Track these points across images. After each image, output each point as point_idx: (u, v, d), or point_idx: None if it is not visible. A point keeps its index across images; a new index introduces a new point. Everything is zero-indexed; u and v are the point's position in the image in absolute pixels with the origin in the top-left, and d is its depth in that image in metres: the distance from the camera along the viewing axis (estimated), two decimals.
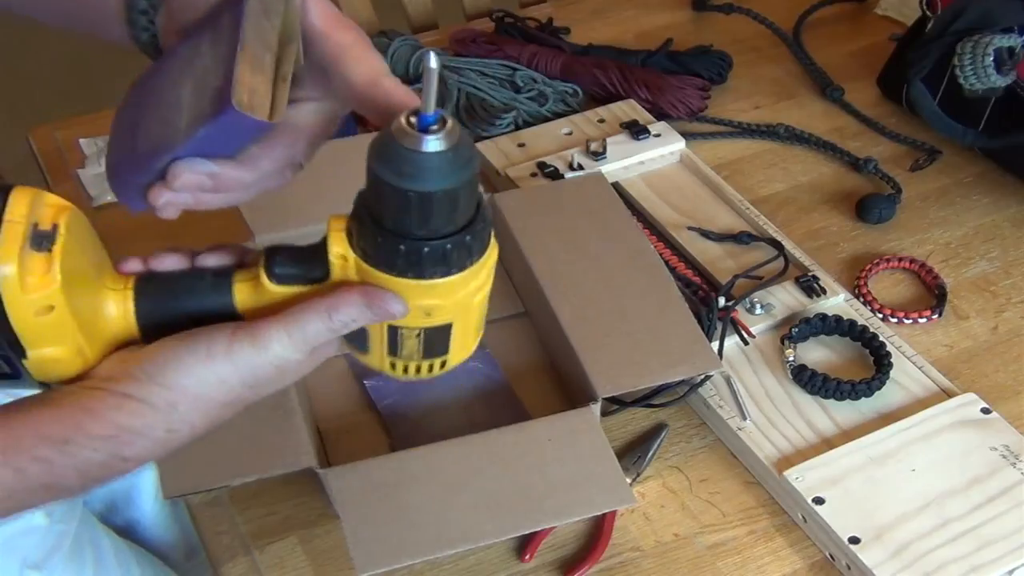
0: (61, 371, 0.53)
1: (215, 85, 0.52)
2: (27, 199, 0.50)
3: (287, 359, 0.53)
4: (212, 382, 0.52)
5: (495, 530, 0.72)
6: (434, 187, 0.48)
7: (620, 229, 0.91)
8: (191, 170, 0.52)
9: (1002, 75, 0.98)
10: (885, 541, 0.74)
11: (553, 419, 0.78)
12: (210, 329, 0.53)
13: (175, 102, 0.54)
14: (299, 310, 0.53)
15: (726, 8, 1.27)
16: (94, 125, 1.13)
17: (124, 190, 0.55)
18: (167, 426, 0.53)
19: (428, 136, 0.47)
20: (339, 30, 0.56)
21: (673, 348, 0.81)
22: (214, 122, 0.51)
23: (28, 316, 0.50)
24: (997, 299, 0.94)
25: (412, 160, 0.48)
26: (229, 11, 0.54)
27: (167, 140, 0.53)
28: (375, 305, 0.52)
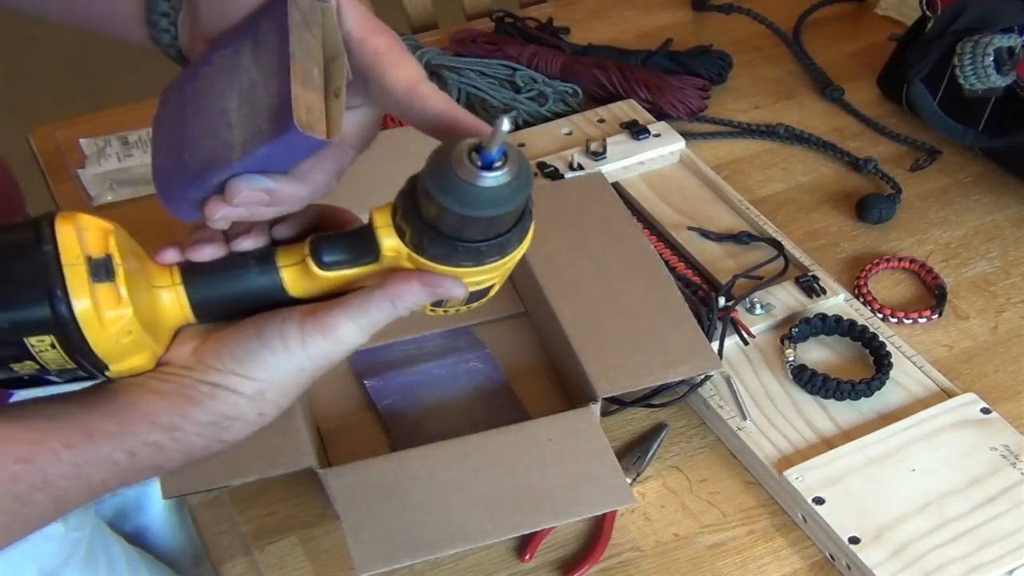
0: (139, 371, 0.55)
1: (269, 102, 0.52)
2: (72, 231, 0.51)
3: (356, 344, 0.55)
4: (292, 371, 0.55)
5: (495, 530, 0.72)
6: (495, 212, 0.50)
7: (620, 229, 0.91)
8: (250, 187, 0.52)
9: (1002, 75, 0.98)
10: (885, 541, 0.74)
11: (553, 419, 0.78)
12: (279, 320, 0.54)
13: (222, 114, 0.53)
14: (363, 300, 0.54)
15: (726, 8, 1.27)
16: (94, 125, 1.13)
17: (176, 202, 0.55)
18: (259, 410, 0.55)
19: (490, 173, 0.49)
20: (374, 35, 0.55)
21: (673, 348, 0.81)
22: (275, 141, 0.51)
23: (109, 344, 0.52)
24: (997, 299, 0.94)
25: (473, 193, 0.49)
26: (268, 19, 0.54)
27: (222, 156, 0.53)
28: (435, 291, 0.54)
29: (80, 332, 0.51)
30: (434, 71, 1.12)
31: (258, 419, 0.56)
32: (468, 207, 0.49)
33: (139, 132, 1.12)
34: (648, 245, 0.90)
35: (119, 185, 1.06)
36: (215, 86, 0.55)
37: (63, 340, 0.51)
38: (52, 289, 0.50)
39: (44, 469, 0.52)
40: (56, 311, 0.50)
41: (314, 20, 0.54)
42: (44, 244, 0.51)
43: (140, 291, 0.53)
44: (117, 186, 1.06)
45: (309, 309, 0.55)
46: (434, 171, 0.50)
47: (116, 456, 0.54)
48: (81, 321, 0.51)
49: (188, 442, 0.55)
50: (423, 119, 0.54)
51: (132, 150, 1.10)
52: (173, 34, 0.59)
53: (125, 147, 1.10)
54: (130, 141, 1.11)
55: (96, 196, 1.05)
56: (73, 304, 0.50)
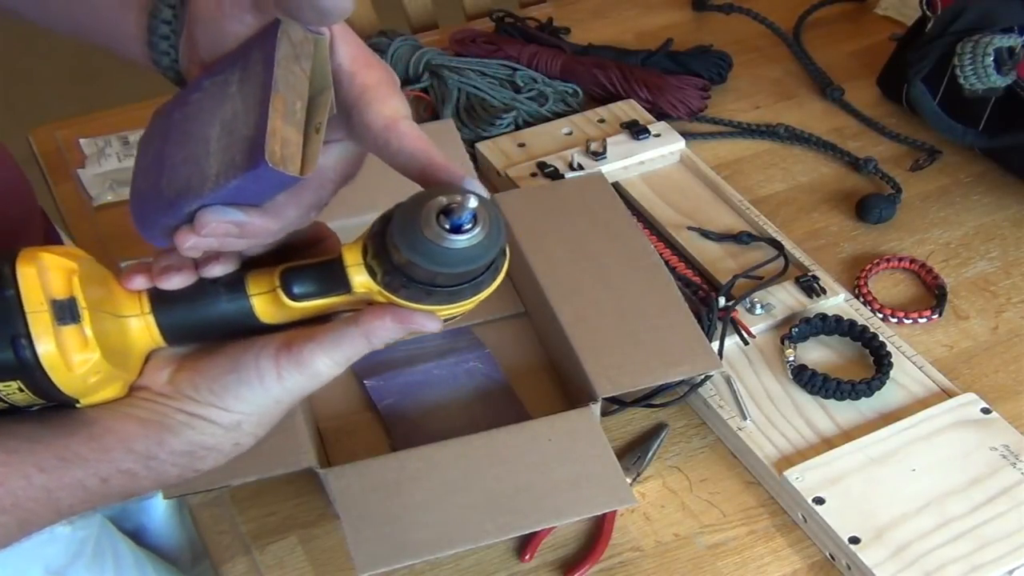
0: (111, 400, 0.55)
1: (246, 134, 0.51)
2: (35, 274, 0.51)
3: (333, 376, 0.55)
4: (269, 404, 0.55)
5: (496, 530, 0.72)
6: (466, 269, 0.50)
7: (620, 229, 0.91)
8: (219, 219, 0.52)
9: (1002, 75, 0.98)
10: (885, 541, 0.74)
11: (553, 419, 0.78)
12: (254, 354, 0.55)
13: (202, 142, 0.53)
14: (337, 335, 0.54)
15: (726, 8, 1.27)
16: (94, 125, 1.13)
17: (148, 228, 0.54)
18: (235, 440, 0.56)
19: (459, 236, 0.49)
20: (366, 69, 0.55)
21: (673, 348, 0.81)
22: (246, 175, 0.50)
23: (78, 384, 0.52)
24: (997, 299, 0.94)
25: (442, 253, 0.49)
26: (259, 50, 0.53)
27: (195, 185, 0.52)
28: (409, 327, 0.54)
29: (47, 376, 0.51)
30: (434, 71, 1.12)
31: (233, 449, 0.56)
32: (438, 265, 0.49)
33: (139, 132, 1.11)
34: (648, 245, 0.90)
35: (119, 185, 1.06)
36: (201, 113, 0.54)
37: (30, 384, 0.51)
38: (16, 336, 0.50)
39: (15, 492, 0.52)
40: (20, 358, 0.50)
41: (305, 52, 0.54)
42: (5, 288, 0.50)
43: (107, 322, 0.53)
44: (117, 186, 1.06)
45: (284, 341, 0.55)
46: (402, 228, 0.49)
47: (88, 482, 0.53)
48: (47, 366, 0.50)
49: (162, 471, 0.55)
50: (397, 157, 0.53)
51: (132, 150, 1.10)
52: (173, 56, 0.59)
53: (125, 147, 1.10)
54: (130, 141, 1.11)
55: (96, 196, 1.05)
56: (38, 350, 0.50)
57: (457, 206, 0.48)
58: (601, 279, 0.87)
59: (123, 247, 0.99)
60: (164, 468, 0.55)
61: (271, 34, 0.53)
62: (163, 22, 0.58)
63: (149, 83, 1.10)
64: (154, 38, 0.59)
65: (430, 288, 0.52)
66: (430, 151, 0.53)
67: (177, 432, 0.54)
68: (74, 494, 0.54)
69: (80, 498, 0.54)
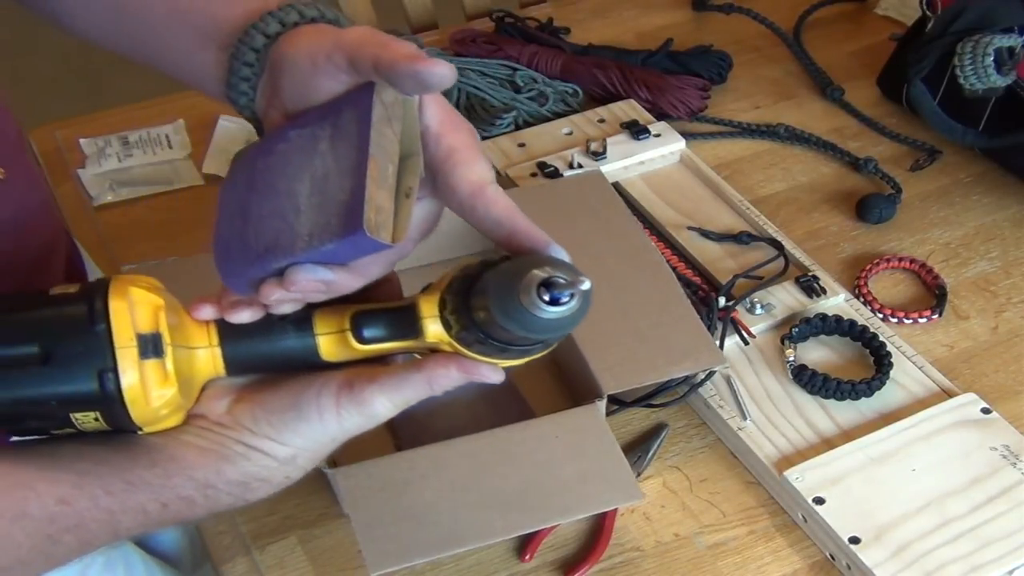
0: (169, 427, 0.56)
1: (341, 198, 0.51)
2: (124, 309, 0.52)
3: (386, 417, 0.56)
4: (325, 441, 0.56)
5: (505, 527, 0.72)
6: (557, 336, 0.52)
7: (620, 226, 0.91)
8: (309, 277, 0.52)
9: (1002, 75, 0.98)
10: (885, 541, 0.74)
11: (559, 416, 0.78)
12: (315, 392, 0.55)
13: (290, 197, 0.53)
14: (400, 379, 0.55)
15: (726, 8, 1.27)
16: (94, 125, 1.13)
17: (233, 277, 0.55)
18: (286, 473, 0.57)
19: (557, 308, 0.50)
20: (452, 131, 0.55)
21: (677, 344, 0.82)
22: (341, 241, 0.51)
23: (150, 415, 0.53)
24: (997, 299, 0.94)
25: (538, 322, 0.50)
26: (352, 109, 0.53)
27: (285, 243, 0.53)
28: (474, 377, 0.55)
29: (125, 409, 0.52)
30: None
31: (284, 481, 0.57)
32: (531, 332, 0.50)
33: (139, 132, 1.12)
34: (649, 242, 0.90)
35: (119, 185, 1.06)
36: (288, 166, 0.54)
37: (107, 415, 0.53)
38: (104, 371, 0.51)
39: (81, 512, 0.53)
40: (105, 391, 0.52)
41: (396, 114, 0.54)
42: (97, 323, 0.52)
43: (180, 353, 0.54)
44: (117, 186, 1.06)
45: (345, 381, 0.55)
46: (499, 295, 0.50)
47: (150, 507, 0.55)
48: (128, 400, 0.52)
49: (217, 499, 0.56)
50: (484, 222, 0.54)
51: (132, 150, 1.10)
52: (251, 97, 0.60)
53: (125, 147, 1.10)
54: (130, 141, 1.11)
55: (96, 196, 1.05)
56: (122, 384, 0.51)
57: (562, 284, 0.49)
58: (604, 276, 0.87)
59: (123, 247, 1.00)
60: (219, 496, 0.56)
61: (366, 95, 0.53)
62: (245, 64, 0.58)
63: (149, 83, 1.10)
64: (234, 79, 0.59)
65: (506, 346, 0.53)
66: (516, 217, 0.53)
67: (234, 462, 0.55)
68: (135, 518, 0.55)
69: (139, 522, 0.55)
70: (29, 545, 0.53)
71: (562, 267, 0.50)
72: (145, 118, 1.14)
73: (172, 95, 1.18)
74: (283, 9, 0.58)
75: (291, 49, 0.56)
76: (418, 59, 0.49)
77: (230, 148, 1.10)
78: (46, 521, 0.53)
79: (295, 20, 0.58)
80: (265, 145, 0.57)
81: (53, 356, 0.51)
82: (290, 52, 0.56)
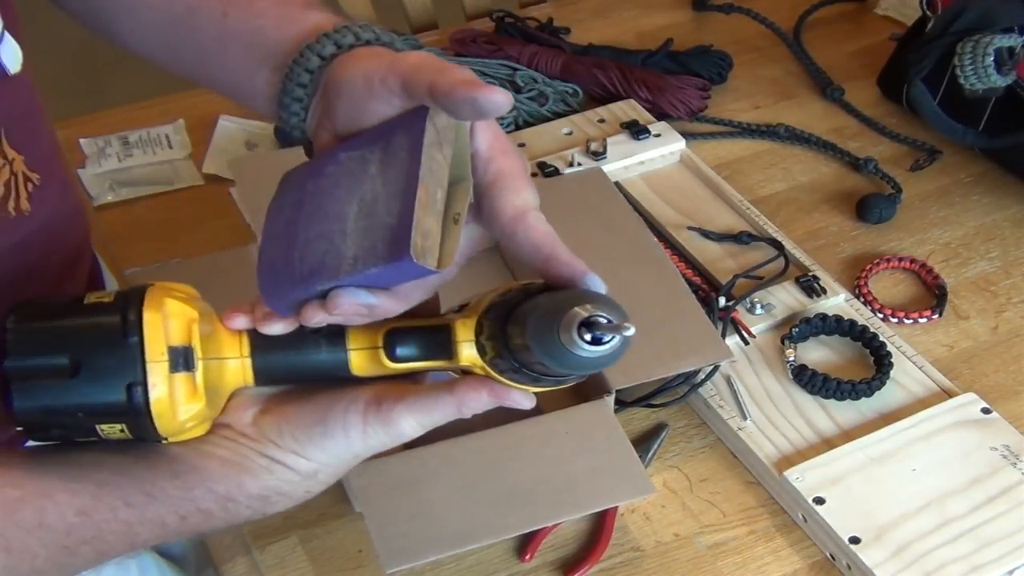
0: (194, 437, 0.56)
1: (389, 222, 0.51)
2: (158, 321, 0.52)
3: (410, 437, 0.56)
4: (348, 458, 0.56)
5: (517, 523, 0.72)
6: (587, 372, 0.51)
7: (623, 223, 0.92)
8: (352, 301, 0.52)
9: (1002, 75, 0.98)
10: (885, 541, 0.74)
11: (568, 412, 0.78)
12: (343, 409, 0.55)
13: (338, 221, 0.53)
14: (430, 401, 0.54)
15: (726, 8, 1.27)
16: (94, 125, 1.13)
17: (275, 299, 0.55)
18: (307, 488, 0.56)
19: (598, 347, 0.48)
20: (502, 156, 0.55)
21: (683, 339, 0.82)
22: (387, 266, 0.50)
23: (175, 428, 0.53)
24: (997, 299, 0.94)
25: (577, 360, 0.49)
26: (404, 134, 0.53)
27: (330, 265, 0.52)
28: (505, 402, 0.54)
29: (152, 422, 0.52)
30: None
31: (304, 496, 0.57)
32: (568, 368, 0.50)
33: (139, 132, 1.12)
34: (651, 238, 0.90)
35: (119, 185, 1.06)
36: (337, 189, 0.54)
37: (133, 426, 0.52)
38: (133, 384, 0.51)
39: (99, 524, 0.53)
40: (133, 403, 0.51)
41: (447, 139, 0.54)
42: (130, 336, 0.51)
43: (210, 365, 0.54)
44: (117, 186, 1.06)
45: (373, 398, 0.55)
46: (539, 331, 0.49)
47: (168, 519, 0.54)
48: (156, 414, 0.52)
49: (236, 512, 0.55)
50: (522, 247, 0.53)
51: (132, 150, 1.10)
52: (301, 118, 0.60)
53: (125, 147, 1.10)
54: (130, 141, 1.11)
55: (96, 196, 1.05)
56: (150, 398, 0.51)
57: (604, 325, 0.48)
58: (607, 273, 0.86)
59: (123, 247, 0.99)
60: (238, 510, 0.55)
61: (419, 120, 0.52)
62: (299, 85, 0.58)
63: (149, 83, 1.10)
64: (286, 99, 0.59)
65: (540, 376, 0.52)
66: (555, 245, 0.53)
67: (256, 475, 0.55)
68: (152, 530, 0.54)
69: (156, 534, 0.54)
70: (46, 556, 0.52)
71: (604, 306, 0.49)
72: (145, 118, 1.14)
73: (172, 95, 1.18)
74: (339, 31, 0.58)
75: (346, 72, 0.55)
76: (476, 86, 0.49)
77: (230, 148, 1.10)
78: (64, 532, 0.52)
79: (351, 42, 0.57)
80: (315, 167, 0.57)
81: (83, 367, 0.51)
82: (345, 75, 0.55)
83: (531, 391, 0.54)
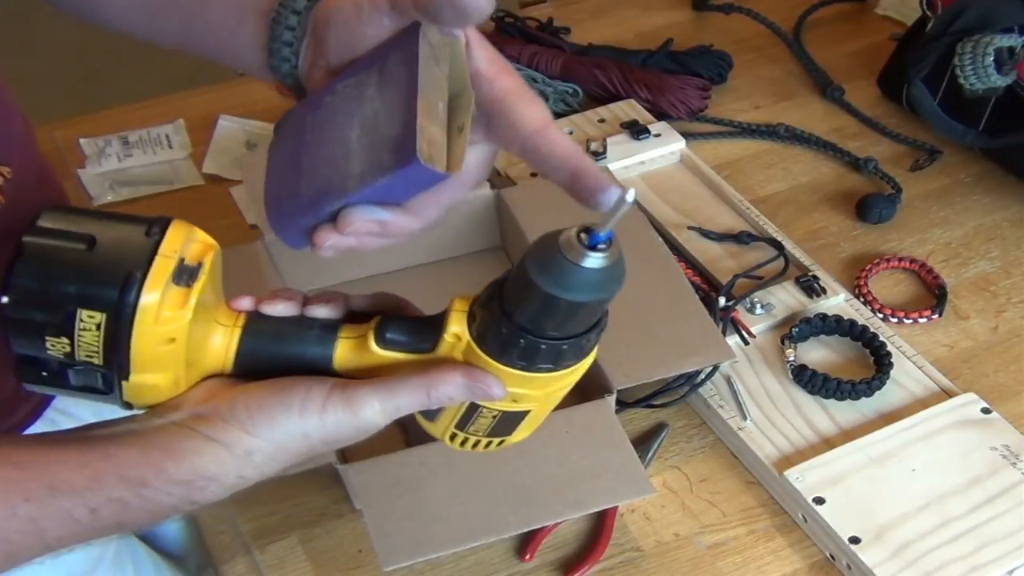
0: (153, 397, 0.54)
1: (392, 134, 0.51)
2: (182, 234, 0.52)
3: (373, 424, 0.53)
4: (296, 436, 0.53)
5: (517, 522, 0.72)
6: (584, 298, 0.50)
7: (626, 222, 0.91)
8: (363, 217, 0.52)
9: (1002, 75, 0.99)
10: (885, 541, 0.74)
11: (569, 411, 0.78)
12: (307, 386, 0.53)
13: (341, 144, 0.53)
14: (397, 383, 0.53)
15: (726, 8, 1.27)
16: (94, 125, 1.13)
17: (286, 229, 0.55)
18: (239, 472, 0.53)
19: (595, 253, 0.48)
20: (503, 74, 0.55)
21: (686, 339, 0.82)
22: (396, 173, 0.50)
23: (149, 344, 0.52)
24: (997, 299, 0.94)
25: (573, 273, 0.48)
26: (398, 52, 0.53)
27: (337, 185, 0.52)
28: (476, 387, 0.52)
29: (131, 321, 0.51)
30: None
31: (236, 482, 0.54)
32: (559, 288, 0.49)
33: (139, 132, 1.12)
34: (655, 237, 0.90)
35: (119, 185, 1.06)
36: (337, 116, 0.54)
37: (111, 324, 0.51)
38: (132, 272, 0.50)
39: None
40: (124, 292, 0.50)
41: (443, 55, 0.54)
42: (153, 235, 0.51)
43: (203, 318, 0.53)
44: (117, 186, 1.06)
45: (341, 381, 0.54)
46: (538, 248, 0.49)
47: (77, 512, 0.52)
48: (140, 309, 0.50)
49: (156, 500, 0.52)
50: (548, 160, 0.53)
51: (132, 150, 1.10)
52: (293, 63, 0.59)
53: (125, 147, 1.10)
54: (130, 141, 1.11)
55: (96, 196, 1.05)
56: (142, 294, 0.50)
57: (603, 220, 0.48)
58: None
59: None
60: (158, 498, 0.52)
61: (411, 36, 0.53)
62: (287, 28, 0.58)
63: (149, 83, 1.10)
64: (276, 44, 0.59)
65: (521, 336, 0.51)
66: (581, 158, 0.53)
67: (181, 457, 0.52)
68: (62, 525, 0.52)
69: (69, 530, 0.52)
70: None
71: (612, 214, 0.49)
72: (145, 118, 1.14)
73: (172, 95, 1.18)
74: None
75: (334, 2, 0.56)
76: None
77: (230, 148, 1.10)
78: None
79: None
80: (312, 101, 0.57)
81: (99, 243, 0.51)
82: (334, 4, 0.56)
83: (506, 374, 0.52)
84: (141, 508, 0.53)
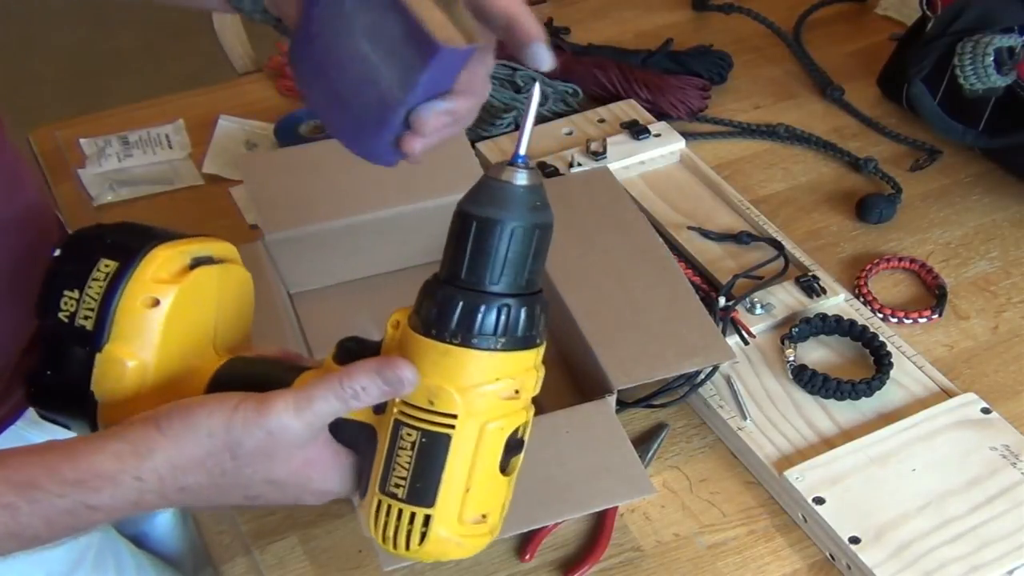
0: (118, 377, 0.55)
1: (397, 34, 0.54)
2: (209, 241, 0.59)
3: (285, 427, 0.52)
4: (201, 433, 0.52)
5: (518, 522, 0.72)
6: (517, 220, 0.52)
7: (628, 222, 0.92)
8: (432, 113, 0.55)
9: (1002, 75, 0.98)
10: (885, 541, 0.74)
11: (570, 411, 0.78)
12: (234, 393, 0.53)
13: (362, 61, 0.56)
14: (314, 380, 0.53)
15: (726, 8, 1.27)
16: (94, 125, 1.13)
17: (374, 153, 0.58)
18: (136, 473, 0.51)
19: (516, 170, 0.52)
20: None
21: (686, 339, 0.82)
22: (429, 67, 0.53)
23: (136, 295, 0.56)
24: (997, 299, 0.94)
25: (497, 189, 0.52)
26: None
27: (388, 98, 0.55)
28: (386, 371, 0.52)
29: (133, 270, 0.55)
30: None
31: (133, 483, 0.51)
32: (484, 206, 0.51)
33: (139, 132, 1.12)
34: (656, 238, 0.90)
35: (119, 185, 1.06)
36: (338, 39, 0.57)
37: (118, 272, 0.55)
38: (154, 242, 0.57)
39: None
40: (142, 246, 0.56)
41: None
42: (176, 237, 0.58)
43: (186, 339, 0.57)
44: (117, 186, 1.06)
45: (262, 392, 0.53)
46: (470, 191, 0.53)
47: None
48: (145, 258, 0.56)
49: (48, 504, 0.51)
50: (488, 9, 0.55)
51: (132, 150, 1.10)
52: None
53: (125, 147, 1.10)
54: (130, 141, 1.11)
55: (96, 196, 1.05)
56: (153, 250, 0.56)
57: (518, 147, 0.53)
58: (612, 272, 0.87)
59: None
60: (49, 500, 0.51)
61: None
62: None
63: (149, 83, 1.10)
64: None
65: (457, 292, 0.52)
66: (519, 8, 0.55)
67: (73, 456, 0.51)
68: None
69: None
70: None
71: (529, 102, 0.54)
72: (145, 118, 1.14)
73: (172, 95, 1.18)
74: None
75: None
76: None
77: (230, 148, 1.10)
78: None
79: None
80: (301, 35, 0.59)
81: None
82: None
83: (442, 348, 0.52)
84: (33, 513, 0.51)
